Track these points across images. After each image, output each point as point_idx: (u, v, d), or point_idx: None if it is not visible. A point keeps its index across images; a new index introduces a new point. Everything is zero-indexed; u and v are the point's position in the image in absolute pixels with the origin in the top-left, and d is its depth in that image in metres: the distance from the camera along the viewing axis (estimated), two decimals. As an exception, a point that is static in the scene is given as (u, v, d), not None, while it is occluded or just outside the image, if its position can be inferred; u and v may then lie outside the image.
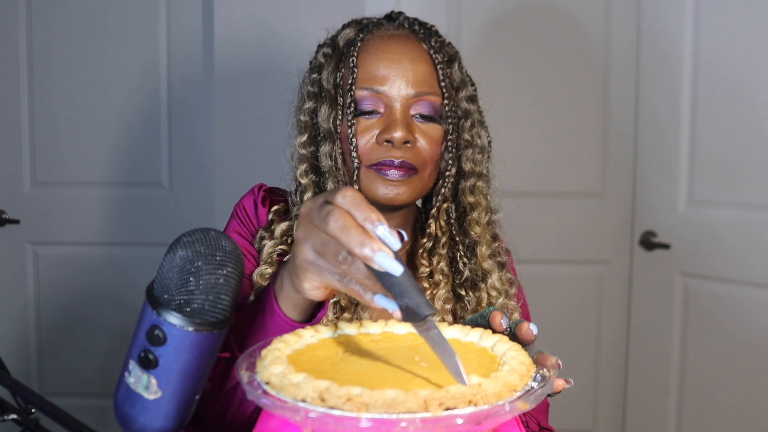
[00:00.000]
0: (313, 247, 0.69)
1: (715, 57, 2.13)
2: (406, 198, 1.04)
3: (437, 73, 1.06)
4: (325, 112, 1.06)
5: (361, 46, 1.06)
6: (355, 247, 0.64)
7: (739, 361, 2.13)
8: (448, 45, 1.12)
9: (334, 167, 1.06)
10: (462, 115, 1.10)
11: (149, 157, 2.36)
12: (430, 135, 1.05)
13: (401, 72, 1.04)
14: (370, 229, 0.64)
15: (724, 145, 2.13)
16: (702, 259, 2.19)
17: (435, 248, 1.10)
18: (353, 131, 1.04)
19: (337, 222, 0.65)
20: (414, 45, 1.07)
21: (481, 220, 1.11)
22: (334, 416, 0.56)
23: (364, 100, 1.04)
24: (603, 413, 2.43)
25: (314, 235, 0.69)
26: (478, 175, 1.11)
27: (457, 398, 0.57)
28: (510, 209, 1.18)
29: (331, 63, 1.09)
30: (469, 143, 1.11)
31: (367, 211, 0.65)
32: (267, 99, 2.22)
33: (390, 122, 1.03)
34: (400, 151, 1.02)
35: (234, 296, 0.67)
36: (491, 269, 1.10)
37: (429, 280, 1.09)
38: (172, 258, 0.65)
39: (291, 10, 2.21)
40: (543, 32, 2.31)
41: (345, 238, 0.64)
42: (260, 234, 1.10)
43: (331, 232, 0.65)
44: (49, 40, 2.33)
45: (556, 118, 2.33)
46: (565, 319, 2.38)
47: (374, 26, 1.10)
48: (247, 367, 0.67)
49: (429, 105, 1.05)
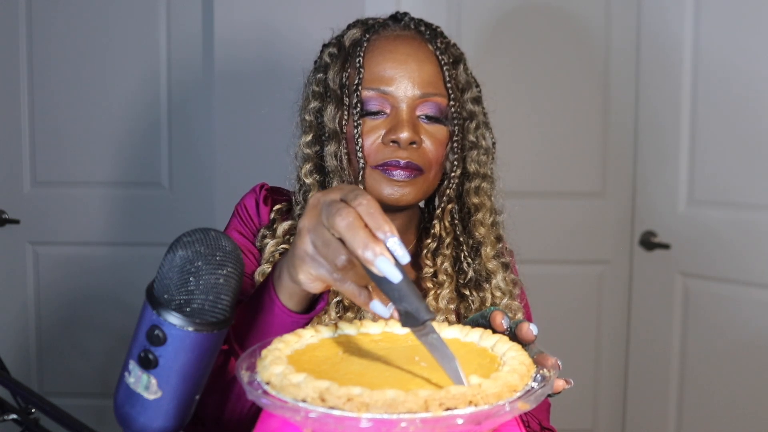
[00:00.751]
0: (314, 242, 0.70)
1: (715, 57, 2.12)
2: (411, 198, 1.05)
3: (443, 75, 1.06)
4: (330, 112, 1.06)
5: (367, 47, 1.06)
6: (358, 248, 0.63)
7: (739, 361, 2.13)
8: (453, 46, 1.12)
9: (339, 167, 1.06)
10: (467, 116, 1.10)
11: (149, 158, 2.36)
12: (435, 136, 1.06)
13: (408, 73, 1.04)
14: (381, 238, 0.64)
15: (724, 145, 2.13)
16: (702, 259, 2.19)
17: (439, 249, 1.10)
18: (359, 131, 1.03)
19: (344, 220, 0.65)
20: (420, 46, 1.07)
21: (486, 221, 1.11)
22: (334, 416, 0.56)
23: (371, 100, 1.04)
24: (603, 413, 2.43)
25: (318, 230, 0.69)
26: (483, 176, 1.12)
27: (457, 398, 0.57)
28: (510, 209, 1.18)
29: (337, 63, 1.08)
30: (474, 144, 1.11)
31: (381, 221, 0.65)
32: (267, 99, 2.22)
33: (396, 123, 1.03)
34: (406, 151, 1.02)
35: (234, 296, 0.67)
36: (496, 270, 1.10)
37: (433, 280, 1.10)
38: (172, 258, 0.65)
39: (291, 11, 2.21)
40: (543, 32, 2.31)
41: (350, 237, 0.64)
42: (262, 233, 1.10)
43: (337, 228, 0.65)
44: (49, 41, 2.33)
45: (556, 118, 2.33)
46: (565, 319, 2.38)
47: (380, 27, 1.10)
48: (247, 367, 0.67)
49: (435, 106, 1.05)
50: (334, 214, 0.65)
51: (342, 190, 0.69)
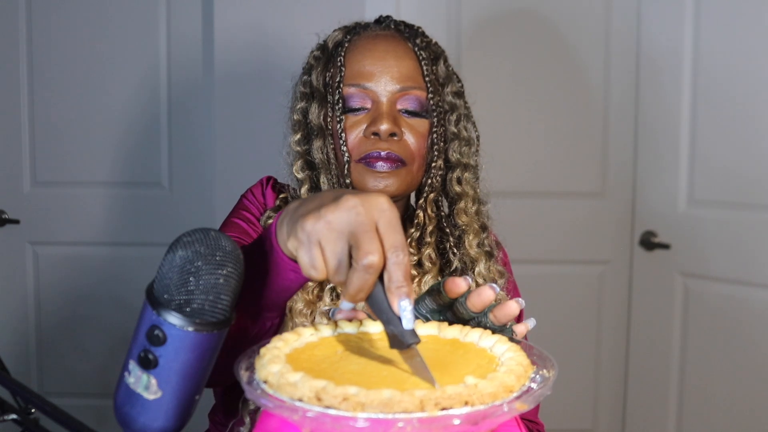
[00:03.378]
0: (321, 238, 0.64)
1: (715, 58, 2.13)
2: (394, 190, 1.08)
3: (422, 69, 1.10)
4: (315, 110, 1.11)
5: (348, 47, 1.11)
6: (366, 247, 0.62)
7: (739, 361, 2.13)
8: (434, 44, 1.17)
9: (326, 161, 1.10)
10: (448, 108, 1.14)
11: (149, 158, 2.36)
12: (417, 129, 1.09)
13: (386, 68, 1.08)
14: (395, 300, 0.63)
15: (724, 146, 2.13)
16: (702, 259, 2.19)
17: (422, 237, 1.14)
18: (342, 126, 1.08)
19: (371, 257, 0.61)
20: (399, 43, 1.12)
21: (469, 210, 1.15)
22: (330, 416, 0.56)
23: (352, 96, 1.08)
24: (603, 413, 2.43)
25: (334, 233, 0.64)
26: (465, 166, 1.15)
27: (453, 398, 0.57)
28: (510, 209, 1.20)
29: (320, 64, 1.13)
30: (456, 136, 1.14)
31: (403, 279, 0.63)
32: (267, 100, 2.22)
33: (376, 116, 1.07)
34: (386, 143, 1.06)
35: (234, 296, 0.67)
36: (478, 257, 1.13)
37: (418, 268, 1.13)
38: (172, 258, 0.65)
39: (291, 13, 2.21)
40: (543, 32, 2.31)
41: (364, 238, 0.62)
42: (267, 214, 1.13)
43: (359, 258, 0.62)
44: (49, 41, 2.33)
45: (556, 118, 2.34)
46: (565, 319, 2.38)
47: (362, 28, 1.15)
48: (246, 367, 0.67)
49: (415, 100, 1.09)
50: (366, 243, 0.62)
51: (396, 234, 0.64)
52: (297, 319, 1.06)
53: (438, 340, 0.75)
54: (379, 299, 0.64)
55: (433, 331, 0.76)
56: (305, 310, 1.06)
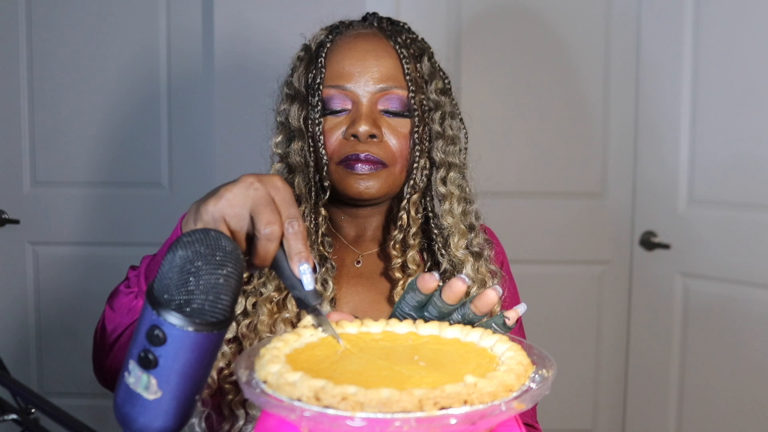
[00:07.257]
0: (225, 214, 0.72)
1: (715, 57, 2.13)
2: (374, 192, 1.06)
3: (403, 67, 1.08)
4: (295, 112, 1.09)
5: (330, 47, 1.09)
6: (267, 219, 0.69)
7: (739, 361, 2.13)
8: (420, 41, 1.14)
9: (302, 163, 1.09)
10: (432, 106, 1.11)
11: (149, 157, 2.37)
12: (398, 130, 1.07)
13: (366, 68, 1.06)
14: (295, 265, 0.70)
15: (724, 145, 2.13)
16: (702, 259, 2.19)
17: (405, 239, 1.11)
18: (321, 129, 1.06)
19: (269, 228, 0.70)
20: (380, 42, 1.09)
21: (454, 211, 1.11)
22: (328, 415, 0.56)
23: (333, 98, 1.06)
24: (603, 413, 2.43)
25: (236, 208, 0.71)
26: (450, 165, 1.11)
27: (452, 397, 0.57)
28: (510, 209, 1.18)
29: (302, 64, 1.12)
30: (440, 134, 1.11)
31: (301, 246, 0.70)
32: (267, 100, 2.21)
33: (356, 117, 1.05)
34: (365, 145, 1.04)
35: (234, 296, 0.67)
36: (464, 259, 1.09)
37: (402, 270, 1.10)
38: (172, 258, 0.65)
39: (292, 10, 2.21)
40: (543, 32, 2.31)
41: (264, 210, 0.69)
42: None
43: (259, 227, 0.69)
44: (49, 40, 2.33)
45: (556, 118, 2.34)
46: (565, 319, 2.38)
47: (345, 27, 1.13)
48: (246, 366, 0.67)
49: (396, 99, 1.06)
50: (266, 215, 0.70)
51: (291, 207, 0.72)
52: (260, 328, 1.03)
53: (439, 339, 0.75)
54: (282, 267, 0.71)
55: (434, 330, 0.76)
56: (268, 321, 1.04)
